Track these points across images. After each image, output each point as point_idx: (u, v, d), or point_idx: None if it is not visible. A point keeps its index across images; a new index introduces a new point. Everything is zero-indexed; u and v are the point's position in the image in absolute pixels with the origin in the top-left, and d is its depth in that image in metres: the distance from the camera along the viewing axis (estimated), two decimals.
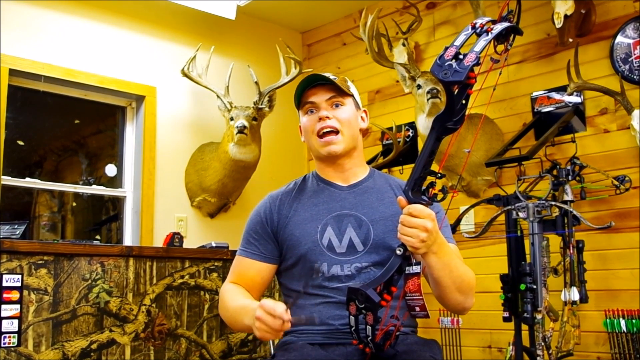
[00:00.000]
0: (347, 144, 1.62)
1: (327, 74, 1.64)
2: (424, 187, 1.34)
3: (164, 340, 2.55)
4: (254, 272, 1.64)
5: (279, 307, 1.32)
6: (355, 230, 1.57)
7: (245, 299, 1.56)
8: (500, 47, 1.28)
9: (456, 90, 1.23)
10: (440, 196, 1.33)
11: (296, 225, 1.61)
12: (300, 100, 1.66)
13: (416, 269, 1.44)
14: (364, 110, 1.72)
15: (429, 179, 1.33)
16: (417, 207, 1.32)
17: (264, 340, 1.36)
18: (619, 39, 2.76)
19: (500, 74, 1.42)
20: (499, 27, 1.24)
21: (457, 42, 1.22)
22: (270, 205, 1.67)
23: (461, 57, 1.20)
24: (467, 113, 1.27)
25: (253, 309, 1.40)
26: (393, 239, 1.53)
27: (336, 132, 1.60)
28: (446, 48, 1.21)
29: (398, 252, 1.34)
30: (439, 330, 2.93)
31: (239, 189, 3.52)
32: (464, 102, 1.24)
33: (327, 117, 1.60)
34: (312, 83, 1.63)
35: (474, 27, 1.26)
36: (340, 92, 1.62)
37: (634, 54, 2.71)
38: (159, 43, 3.49)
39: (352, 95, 1.66)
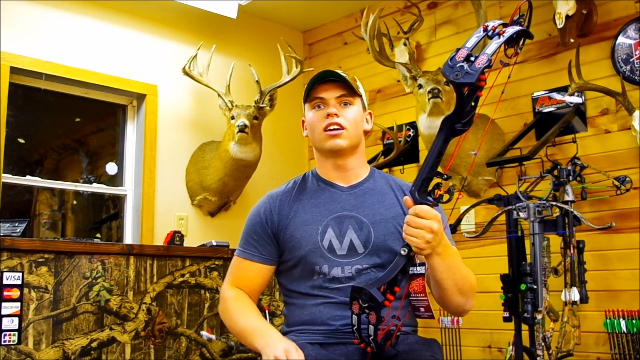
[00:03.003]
0: (351, 142, 1.62)
1: (338, 71, 1.63)
2: (430, 189, 1.34)
3: (164, 339, 2.55)
4: (254, 274, 1.64)
5: (295, 356, 1.35)
6: (356, 232, 1.57)
7: (257, 319, 1.56)
8: (510, 51, 1.28)
9: (466, 92, 1.23)
10: (446, 197, 1.33)
11: (297, 226, 1.60)
12: (310, 94, 1.64)
13: (421, 269, 1.44)
14: (369, 112, 1.72)
15: (435, 180, 1.33)
16: (424, 208, 1.32)
17: None
18: (620, 39, 2.76)
19: (509, 77, 1.41)
20: (510, 31, 1.24)
21: (469, 44, 1.22)
22: (270, 206, 1.66)
23: (472, 59, 1.19)
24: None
25: (269, 335, 1.44)
26: (394, 241, 1.54)
27: (342, 128, 1.60)
28: (458, 49, 1.21)
29: (402, 252, 1.34)
30: (439, 330, 2.94)
31: (240, 188, 3.52)
32: (473, 104, 1.24)
33: (336, 115, 1.59)
34: (325, 78, 1.62)
35: (485, 30, 1.25)
36: (350, 91, 1.62)
37: (635, 55, 2.71)
38: (160, 41, 3.49)
39: (360, 96, 1.66)
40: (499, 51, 1.23)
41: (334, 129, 1.59)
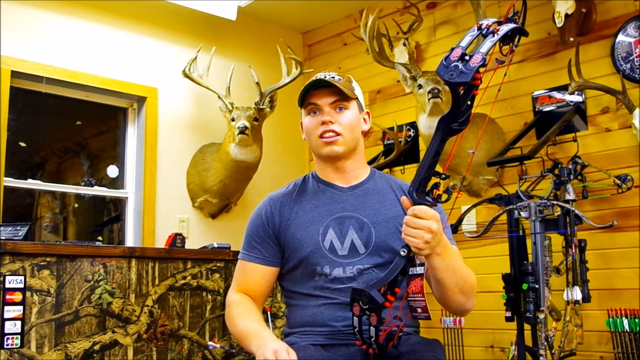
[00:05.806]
0: (348, 147, 1.62)
1: (332, 74, 1.63)
2: (428, 188, 1.34)
3: (167, 341, 2.55)
4: (259, 277, 1.64)
5: (285, 356, 1.34)
6: (357, 232, 1.57)
7: (255, 322, 1.55)
8: (506, 48, 1.28)
9: (462, 91, 1.23)
10: (444, 197, 1.33)
11: (298, 227, 1.61)
12: (304, 100, 1.65)
13: (419, 270, 1.44)
14: (367, 112, 1.71)
15: (434, 179, 1.33)
16: (422, 209, 1.32)
17: None
18: (620, 37, 2.76)
19: (505, 74, 1.41)
20: (505, 28, 1.24)
21: (463, 43, 1.22)
22: (271, 207, 1.66)
23: (467, 58, 1.19)
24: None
25: (262, 337, 1.43)
26: (395, 241, 1.54)
27: (338, 134, 1.60)
28: (452, 49, 1.21)
29: (402, 253, 1.34)
30: (441, 330, 2.93)
31: (241, 189, 3.53)
32: (469, 103, 1.24)
33: (330, 122, 1.60)
34: (317, 85, 1.62)
35: (479, 28, 1.25)
36: (344, 95, 1.61)
37: (635, 53, 2.71)
38: (160, 44, 3.49)
39: (356, 98, 1.65)
40: (494, 49, 1.23)
41: (329, 136, 1.60)
